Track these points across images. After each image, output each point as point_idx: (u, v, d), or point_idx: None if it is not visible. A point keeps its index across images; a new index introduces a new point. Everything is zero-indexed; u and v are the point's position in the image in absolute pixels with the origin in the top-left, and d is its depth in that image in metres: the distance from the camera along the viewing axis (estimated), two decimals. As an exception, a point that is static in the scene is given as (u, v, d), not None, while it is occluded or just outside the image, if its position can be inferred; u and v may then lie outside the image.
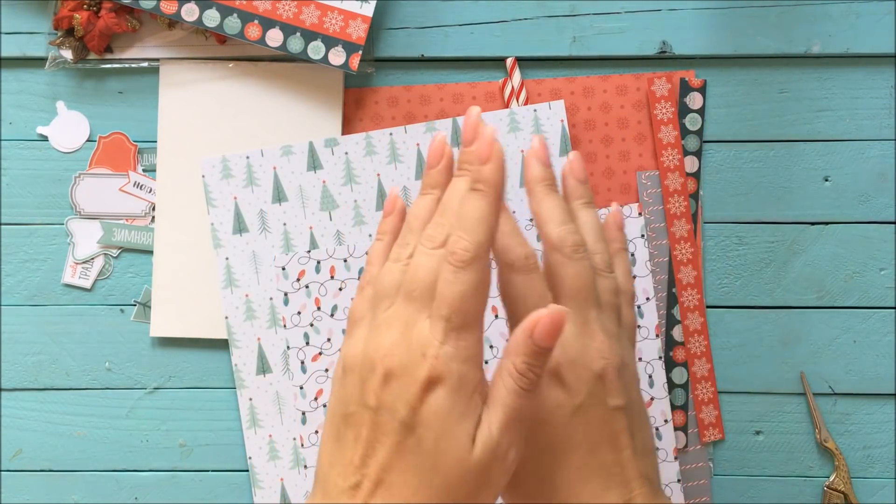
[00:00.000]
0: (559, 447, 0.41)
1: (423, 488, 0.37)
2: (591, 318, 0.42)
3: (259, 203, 0.61)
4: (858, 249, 0.61)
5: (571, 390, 0.41)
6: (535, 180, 0.44)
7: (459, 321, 0.38)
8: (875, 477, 0.61)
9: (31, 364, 0.62)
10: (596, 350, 0.41)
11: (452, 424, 0.37)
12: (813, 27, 0.60)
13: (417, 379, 0.37)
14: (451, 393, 0.37)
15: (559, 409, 0.41)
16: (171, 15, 0.58)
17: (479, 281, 0.38)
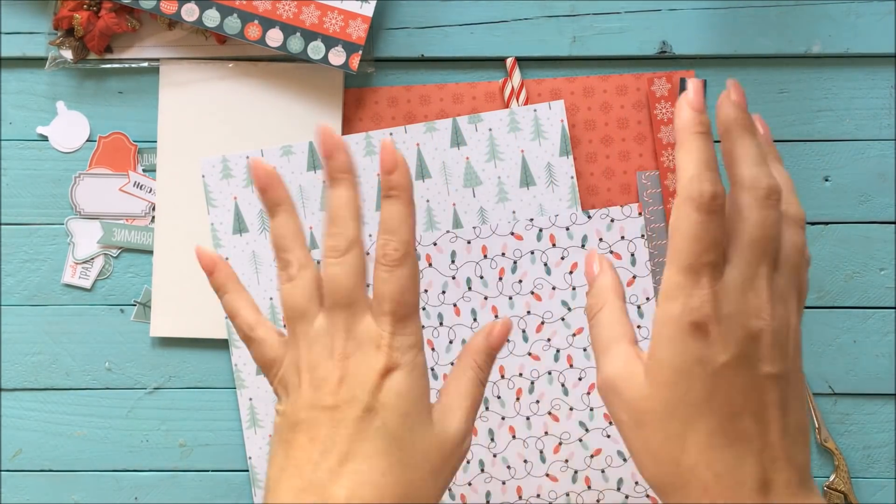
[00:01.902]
0: (693, 406, 0.37)
1: (393, 467, 0.40)
2: (762, 273, 0.38)
3: (259, 203, 0.61)
4: (858, 249, 0.61)
5: (716, 346, 0.37)
6: (729, 119, 0.40)
7: (403, 312, 0.42)
8: (875, 477, 0.61)
9: (31, 364, 0.62)
10: (756, 308, 0.37)
11: (414, 402, 0.41)
12: (813, 27, 0.60)
13: (375, 369, 0.41)
14: (407, 375, 0.41)
15: (699, 365, 0.37)
16: (171, 15, 0.58)
17: (412, 274, 0.42)
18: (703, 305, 0.37)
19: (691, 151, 0.38)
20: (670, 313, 0.37)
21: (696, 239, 0.37)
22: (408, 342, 0.42)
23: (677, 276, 0.37)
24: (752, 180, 0.38)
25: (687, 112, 0.39)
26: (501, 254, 0.60)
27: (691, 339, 0.37)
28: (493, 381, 0.60)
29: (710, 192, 0.37)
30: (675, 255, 0.37)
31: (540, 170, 0.60)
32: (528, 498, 0.60)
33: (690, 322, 0.37)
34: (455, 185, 0.60)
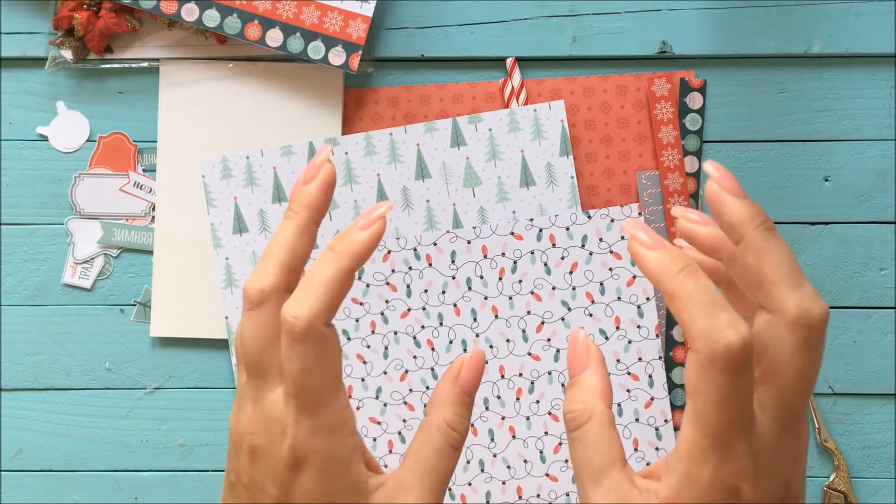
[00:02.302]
0: None
1: None
2: (803, 416, 0.33)
3: (259, 203, 0.61)
4: (858, 249, 0.61)
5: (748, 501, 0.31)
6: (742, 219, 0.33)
7: (310, 399, 0.33)
8: (875, 477, 0.61)
9: (31, 364, 0.62)
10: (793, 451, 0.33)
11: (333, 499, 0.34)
12: (813, 27, 0.60)
13: (281, 458, 0.33)
14: (320, 473, 0.33)
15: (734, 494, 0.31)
16: (171, 15, 0.58)
17: (319, 355, 0.33)
18: (739, 472, 0.31)
19: (691, 298, 0.31)
20: (700, 478, 0.31)
21: (727, 403, 0.30)
22: (320, 430, 0.33)
23: (704, 441, 0.31)
24: (799, 315, 0.31)
25: (653, 255, 0.32)
26: (501, 254, 0.60)
27: (723, 501, 0.31)
28: (493, 382, 0.60)
29: (739, 343, 0.30)
30: (701, 419, 0.31)
31: (540, 170, 0.60)
32: (528, 498, 0.60)
33: (724, 488, 0.31)
34: (455, 185, 0.60)
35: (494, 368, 0.60)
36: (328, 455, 0.33)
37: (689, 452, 0.31)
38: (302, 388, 0.33)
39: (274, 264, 0.34)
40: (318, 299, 0.33)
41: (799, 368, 0.31)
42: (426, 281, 0.60)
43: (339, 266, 0.33)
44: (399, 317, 0.60)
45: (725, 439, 0.31)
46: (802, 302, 0.31)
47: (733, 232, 0.33)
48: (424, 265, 0.60)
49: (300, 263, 0.35)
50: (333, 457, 0.33)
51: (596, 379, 0.35)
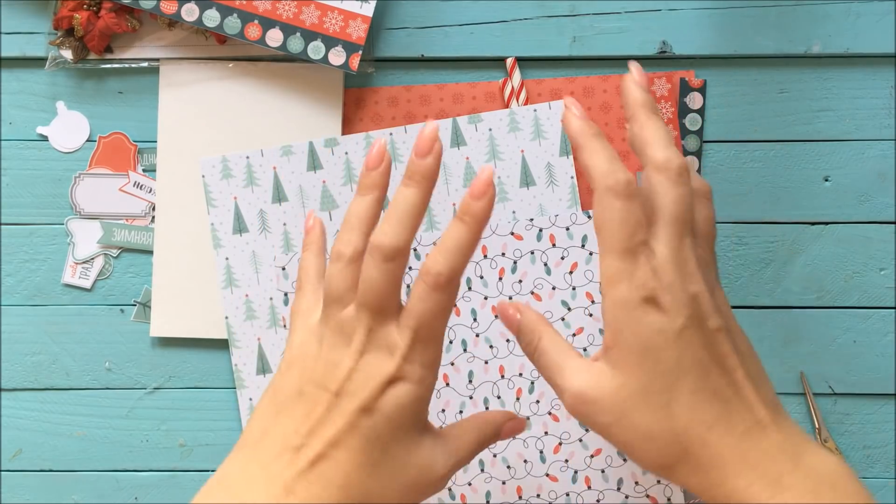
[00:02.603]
0: (668, 373, 0.40)
1: (366, 468, 0.40)
2: (687, 244, 0.41)
3: (259, 203, 0.61)
4: (858, 249, 0.61)
5: (670, 313, 0.40)
6: (637, 104, 0.43)
7: (426, 334, 0.41)
8: (875, 477, 0.61)
9: (31, 364, 0.62)
10: (690, 274, 0.41)
11: (410, 418, 0.41)
12: (813, 27, 0.60)
13: (383, 372, 0.41)
14: (412, 390, 0.41)
15: (661, 335, 0.40)
16: (171, 15, 0.58)
17: (449, 303, 0.41)
18: (647, 280, 0.40)
19: (595, 150, 0.41)
20: (620, 296, 0.40)
21: (625, 223, 0.40)
22: (422, 360, 0.41)
23: (616, 262, 0.40)
24: (665, 161, 0.41)
25: (577, 122, 0.43)
26: (501, 254, 0.60)
27: (646, 313, 0.40)
28: (493, 382, 0.60)
29: (625, 178, 0.40)
30: (608, 243, 0.40)
31: (540, 170, 0.60)
32: (528, 498, 0.60)
33: (641, 298, 0.40)
34: (455, 185, 0.60)
35: (494, 368, 0.60)
36: (420, 381, 0.41)
37: (607, 280, 0.40)
38: (425, 325, 0.41)
39: (405, 227, 0.41)
40: (459, 261, 0.41)
41: (671, 201, 0.41)
42: (426, 281, 0.60)
43: (470, 233, 0.41)
44: (399, 317, 0.60)
45: (631, 254, 0.40)
46: (667, 154, 0.41)
47: (627, 109, 0.43)
48: (424, 265, 0.60)
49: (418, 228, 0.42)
50: (423, 384, 0.41)
51: (531, 315, 0.45)
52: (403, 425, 0.41)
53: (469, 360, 0.60)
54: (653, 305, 0.40)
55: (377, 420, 0.40)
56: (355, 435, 0.40)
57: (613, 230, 0.40)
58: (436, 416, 0.60)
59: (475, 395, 0.60)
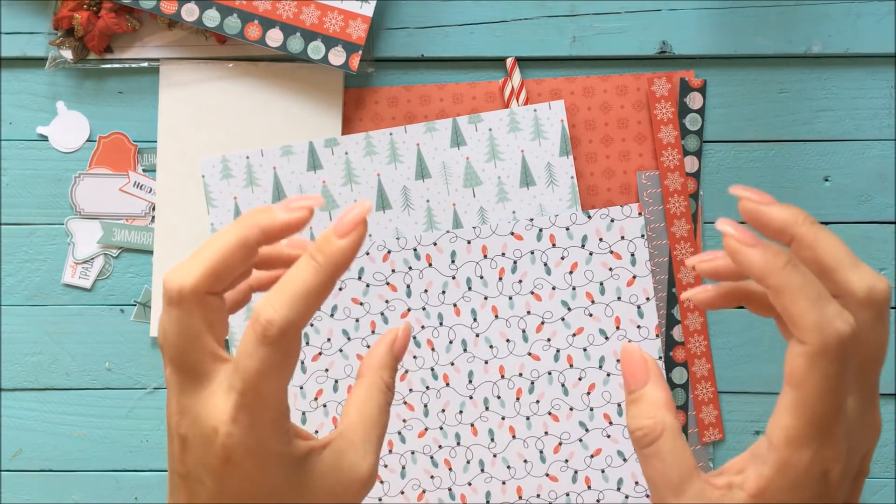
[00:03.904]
0: None
1: None
2: (877, 392, 0.35)
3: (259, 203, 0.61)
4: (858, 249, 0.61)
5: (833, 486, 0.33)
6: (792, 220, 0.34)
7: (256, 400, 0.33)
8: (875, 477, 0.61)
9: (31, 364, 0.62)
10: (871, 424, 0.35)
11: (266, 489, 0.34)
12: (813, 27, 0.60)
13: (214, 454, 0.33)
14: (256, 464, 0.33)
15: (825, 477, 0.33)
16: (171, 15, 0.58)
17: (281, 362, 0.33)
18: (836, 455, 0.33)
19: (799, 290, 0.32)
20: (798, 464, 0.33)
21: (833, 391, 0.32)
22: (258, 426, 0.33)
23: (807, 429, 0.32)
24: (870, 292, 0.33)
25: (759, 254, 0.32)
26: (501, 254, 0.60)
27: (816, 485, 0.33)
28: (493, 382, 0.60)
29: (849, 332, 0.31)
30: (805, 407, 0.32)
31: (540, 170, 0.60)
32: (528, 498, 0.60)
33: (820, 472, 0.33)
34: (455, 185, 0.60)
35: (494, 368, 0.60)
36: (262, 448, 0.33)
37: (787, 440, 0.32)
38: (251, 388, 0.33)
39: (200, 264, 0.34)
40: (294, 308, 0.32)
41: (875, 343, 0.33)
42: (426, 281, 0.60)
43: (320, 277, 0.33)
44: (399, 317, 0.60)
45: (827, 426, 0.32)
46: (866, 280, 0.33)
47: (782, 235, 0.34)
48: (424, 265, 0.60)
49: (231, 274, 0.34)
50: (267, 449, 0.33)
51: (660, 392, 0.35)
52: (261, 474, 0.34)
53: (469, 360, 0.60)
54: (823, 476, 0.33)
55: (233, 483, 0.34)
56: None
57: (820, 398, 0.32)
58: (436, 416, 0.60)
59: (475, 396, 0.60)
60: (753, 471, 0.33)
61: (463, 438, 0.60)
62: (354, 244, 0.33)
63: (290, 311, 0.32)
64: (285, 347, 0.32)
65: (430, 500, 0.60)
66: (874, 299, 0.33)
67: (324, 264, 0.33)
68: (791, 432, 0.32)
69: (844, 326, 0.31)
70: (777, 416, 0.33)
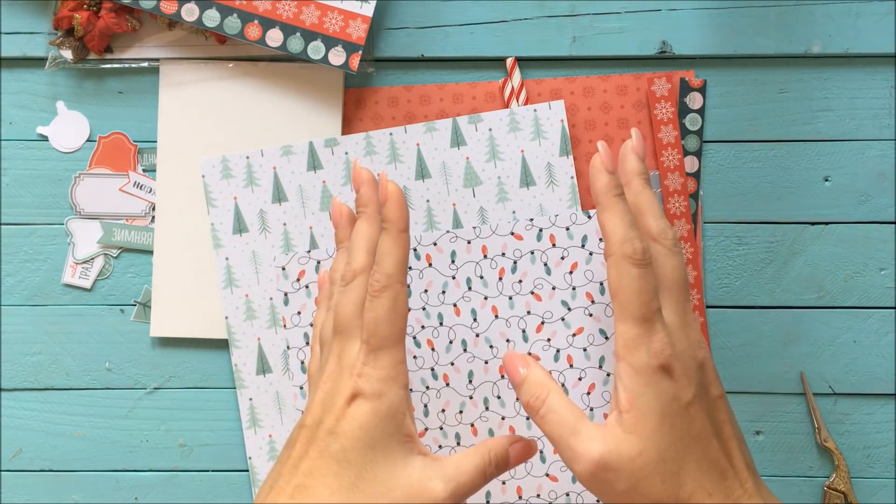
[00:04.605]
0: (679, 441, 0.40)
1: (342, 492, 0.40)
2: (689, 308, 0.44)
3: (259, 203, 0.61)
4: (858, 249, 0.61)
5: (682, 381, 0.41)
6: (632, 172, 0.46)
7: (376, 343, 0.43)
8: (875, 477, 0.61)
9: (31, 364, 0.62)
10: (697, 341, 0.43)
11: (379, 437, 0.41)
12: (813, 27, 0.60)
13: (343, 394, 0.42)
14: (372, 407, 0.42)
15: (675, 402, 0.41)
16: (171, 15, 0.58)
17: (391, 307, 0.43)
18: (664, 348, 0.41)
19: (616, 214, 0.43)
20: (638, 362, 0.41)
21: (642, 291, 0.41)
22: (378, 374, 0.42)
23: (633, 329, 0.41)
24: (661, 232, 0.44)
25: (604, 177, 0.44)
26: (501, 254, 0.60)
27: (663, 380, 0.41)
28: (493, 382, 0.60)
29: (642, 247, 0.42)
30: (625, 309, 0.42)
31: (540, 170, 0.60)
32: (528, 498, 0.60)
33: (659, 365, 0.41)
34: (455, 185, 0.60)
35: (494, 368, 0.60)
36: (378, 395, 0.41)
37: (624, 346, 0.41)
38: (372, 333, 0.42)
39: (362, 250, 0.45)
40: (388, 264, 0.43)
41: (672, 268, 0.43)
42: (426, 281, 0.60)
43: (392, 237, 0.44)
44: (399, 317, 0.60)
45: (648, 322, 0.41)
46: (661, 225, 0.45)
47: (624, 176, 0.47)
48: (424, 265, 0.60)
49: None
50: (383, 399, 0.42)
51: (540, 370, 0.44)
52: (374, 445, 0.41)
53: (469, 360, 0.60)
54: (667, 373, 0.41)
55: (343, 442, 0.41)
56: (326, 460, 0.41)
57: (631, 297, 0.41)
58: (436, 416, 0.60)
59: (475, 395, 0.60)
60: (620, 387, 0.41)
61: (463, 439, 0.60)
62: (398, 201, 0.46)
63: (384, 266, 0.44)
64: (391, 295, 0.43)
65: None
66: (663, 235, 0.44)
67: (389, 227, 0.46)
68: (624, 337, 0.41)
69: (641, 243, 0.42)
70: (615, 330, 0.42)
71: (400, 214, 0.45)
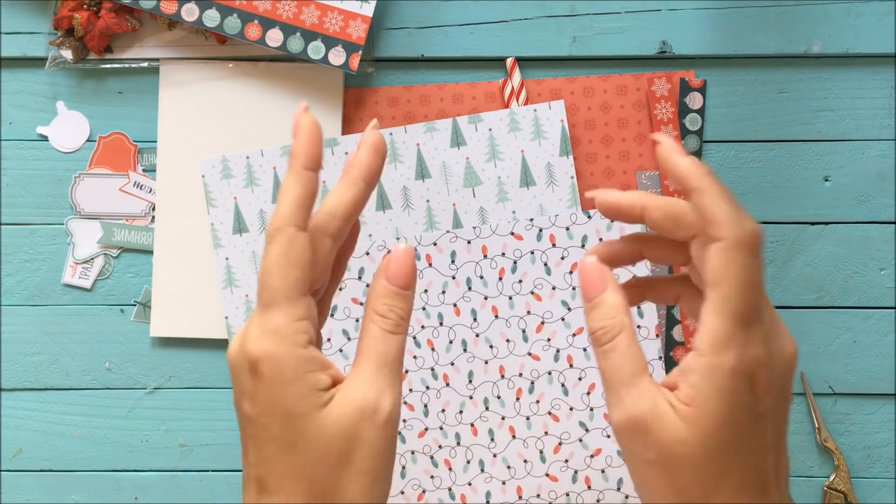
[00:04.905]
0: (733, 450, 0.36)
1: (291, 475, 0.35)
2: (773, 312, 0.38)
3: (259, 203, 0.61)
4: (858, 249, 0.61)
5: (761, 392, 0.36)
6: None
7: (267, 298, 0.35)
8: (875, 477, 0.61)
9: (31, 364, 0.62)
10: (790, 344, 0.38)
11: (291, 401, 0.35)
12: (813, 27, 0.60)
13: (244, 369, 0.36)
14: (271, 377, 0.35)
15: (745, 411, 0.36)
16: (171, 15, 0.58)
17: (281, 253, 0.36)
18: (758, 354, 0.35)
19: (719, 194, 0.36)
20: (723, 365, 0.35)
21: (754, 284, 0.35)
22: (271, 332, 0.35)
23: (730, 326, 0.35)
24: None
25: (686, 160, 0.37)
26: (501, 254, 0.60)
27: (742, 389, 0.35)
28: (493, 382, 0.60)
29: (758, 231, 0.35)
30: (727, 302, 0.35)
31: (540, 170, 0.60)
32: (528, 498, 0.60)
33: (744, 372, 0.35)
34: (455, 185, 0.60)
35: (494, 368, 0.60)
36: (276, 360, 0.35)
37: (712, 343, 0.35)
38: (263, 287, 0.35)
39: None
40: (284, 204, 0.36)
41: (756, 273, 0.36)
42: (426, 281, 0.60)
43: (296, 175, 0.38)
44: (399, 317, 0.60)
45: (749, 323, 0.35)
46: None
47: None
48: (424, 265, 0.60)
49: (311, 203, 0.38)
50: (281, 362, 0.35)
51: (618, 296, 0.38)
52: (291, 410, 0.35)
53: (469, 360, 0.60)
54: (750, 382, 0.36)
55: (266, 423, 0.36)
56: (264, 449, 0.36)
57: (740, 290, 0.35)
58: (436, 416, 0.60)
59: (475, 395, 0.60)
60: (684, 381, 0.36)
61: (463, 438, 0.60)
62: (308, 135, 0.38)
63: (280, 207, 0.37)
64: (284, 240, 0.36)
65: (430, 500, 0.60)
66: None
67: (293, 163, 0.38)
68: (715, 334, 0.35)
69: (756, 224, 0.35)
70: (702, 325, 0.35)
71: (305, 149, 0.38)
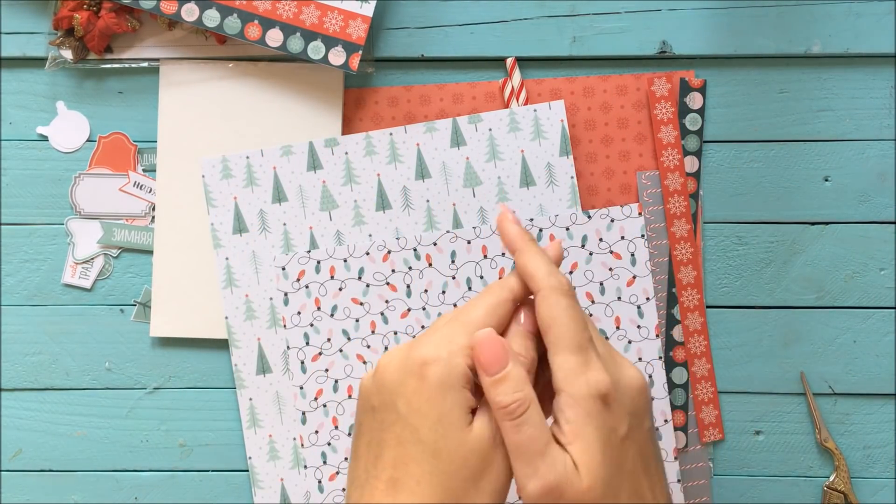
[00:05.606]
0: (616, 477, 0.40)
1: (430, 479, 0.39)
2: (605, 342, 0.43)
3: (259, 203, 0.61)
4: (858, 249, 0.61)
5: (617, 413, 0.40)
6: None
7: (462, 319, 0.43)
8: (875, 477, 0.61)
9: (31, 364, 0.62)
10: (628, 369, 0.42)
11: (447, 407, 0.40)
12: (813, 27, 0.60)
13: (411, 371, 0.41)
14: (439, 373, 0.40)
15: (613, 433, 0.40)
16: (171, 15, 0.58)
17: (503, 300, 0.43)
18: (601, 377, 0.40)
19: (536, 254, 0.44)
20: (578, 393, 0.40)
21: (575, 319, 0.41)
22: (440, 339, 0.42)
23: (571, 358, 0.40)
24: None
25: (514, 227, 0.45)
26: (502, 254, 0.60)
27: (602, 410, 0.40)
28: (493, 381, 0.60)
29: (567, 280, 0.43)
30: (561, 340, 0.41)
31: (540, 170, 0.60)
32: (528, 498, 0.60)
33: (598, 395, 0.40)
34: (455, 185, 0.60)
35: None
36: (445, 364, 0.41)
37: (564, 378, 0.40)
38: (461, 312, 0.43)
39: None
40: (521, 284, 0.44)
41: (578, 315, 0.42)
42: (426, 281, 0.60)
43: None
44: (399, 317, 0.60)
45: (584, 351, 0.41)
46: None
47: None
48: (424, 265, 0.60)
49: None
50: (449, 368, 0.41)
51: (521, 369, 0.41)
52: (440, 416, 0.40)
53: (469, 360, 0.60)
54: (606, 403, 0.40)
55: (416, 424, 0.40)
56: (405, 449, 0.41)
57: (567, 326, 0.41)
58: (436, 416, 0.60)
59: (475, 395, 0.60)
60: (563, 420, 0.40)
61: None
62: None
63: None
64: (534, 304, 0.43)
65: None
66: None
67: None
68: (562, 369, 0.40)
69: (563, 278, 0.43)
70: (552, 367, 0.41)
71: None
